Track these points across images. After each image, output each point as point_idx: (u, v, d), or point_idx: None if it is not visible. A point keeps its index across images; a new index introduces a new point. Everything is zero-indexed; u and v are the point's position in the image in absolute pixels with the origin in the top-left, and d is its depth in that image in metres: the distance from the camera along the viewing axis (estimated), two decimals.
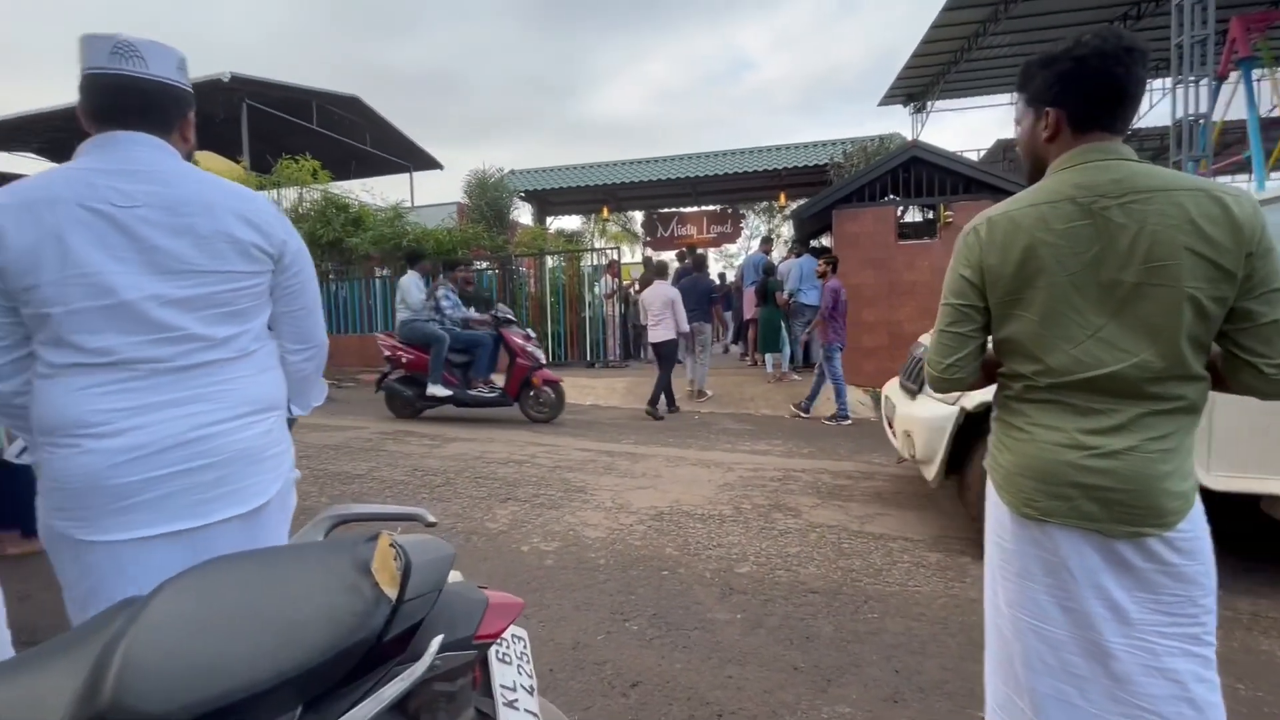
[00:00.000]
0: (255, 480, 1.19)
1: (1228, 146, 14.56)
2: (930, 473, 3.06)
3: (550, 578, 2.71)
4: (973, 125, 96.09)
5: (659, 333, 6.68)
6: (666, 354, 6.75)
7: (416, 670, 0.75)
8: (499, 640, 1.01)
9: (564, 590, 2.59)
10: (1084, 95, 1.09)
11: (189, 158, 1.23)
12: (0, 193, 1.02)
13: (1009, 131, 1.31)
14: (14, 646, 1.51)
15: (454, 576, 0.99)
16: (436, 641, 0.79)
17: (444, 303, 6.35)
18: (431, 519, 1.11)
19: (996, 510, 1.22)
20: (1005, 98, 16.85)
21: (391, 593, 0.78)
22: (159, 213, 1.07)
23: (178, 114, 1.16)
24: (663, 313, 6.64)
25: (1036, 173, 1.20)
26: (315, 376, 1.43)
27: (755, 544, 3.07)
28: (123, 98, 1.09)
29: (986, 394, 1.31)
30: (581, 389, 8.11)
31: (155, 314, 1.07)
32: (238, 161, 13.36)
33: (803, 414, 6.58)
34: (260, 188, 13.48)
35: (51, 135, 15.05)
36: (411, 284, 6.43)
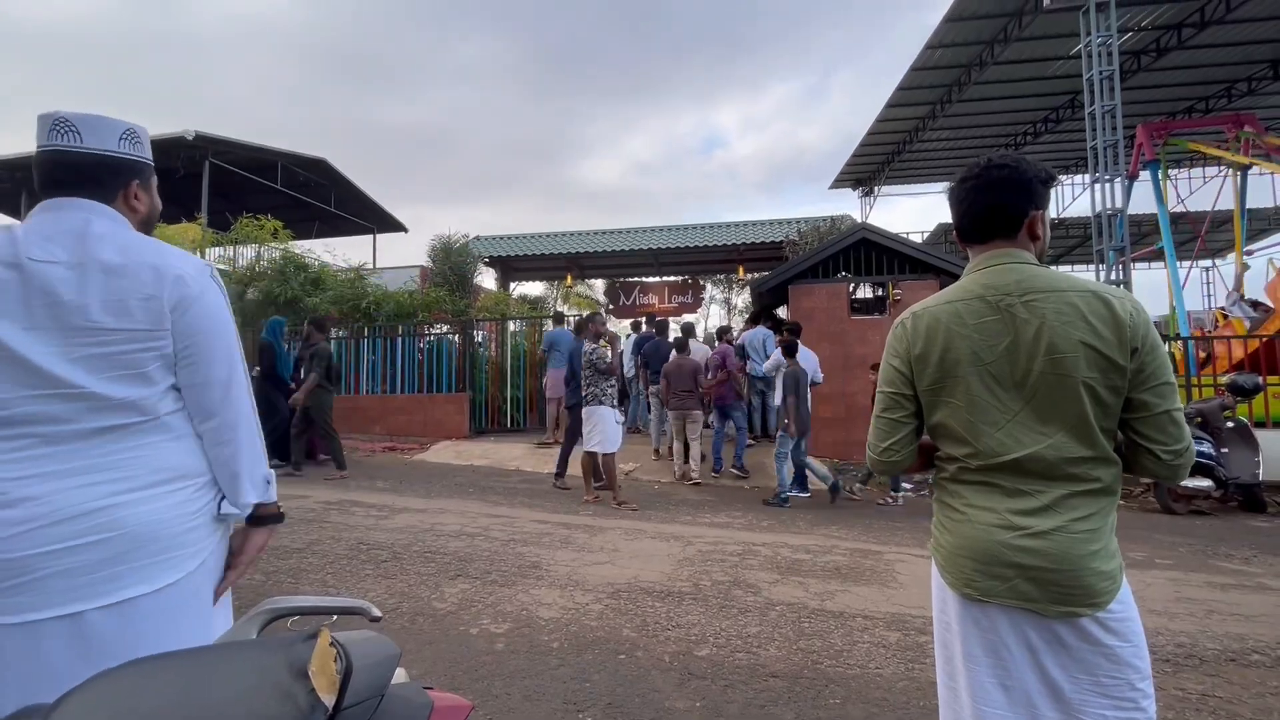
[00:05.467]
0: (166, 556, 1.08)
1: (1144, 236, 15.89)
2: None
3: (500, 664, 2.56)
4: (920, 208, 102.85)
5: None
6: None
7: None
8: None
9: (514, 677, 2.45)
10: (962, 215, 1.27)
11: (147, 222, 1.22)
12: None
13: (949, 215, 1.53)
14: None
15: (399, 675, 0.93)
16: None
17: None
18: (377, 613, 1.04)
19: (941, 591, 1.24)
20: (943, 185, 18.26)
21: (329, 699, 0.73)
22: (73, 270, 1.05)
23: (117, 183, 1.16)
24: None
25: None
26: (238, 462, 1.19)
27: (715, 624, 2.99)
28: (56, 172, 1.12)
29: None
30: (539, 457, 7.96)
31: (49, 368, 1.02)
32: (195, 219, 13.16)
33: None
34: (217, 244, 13.29)
35: None
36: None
